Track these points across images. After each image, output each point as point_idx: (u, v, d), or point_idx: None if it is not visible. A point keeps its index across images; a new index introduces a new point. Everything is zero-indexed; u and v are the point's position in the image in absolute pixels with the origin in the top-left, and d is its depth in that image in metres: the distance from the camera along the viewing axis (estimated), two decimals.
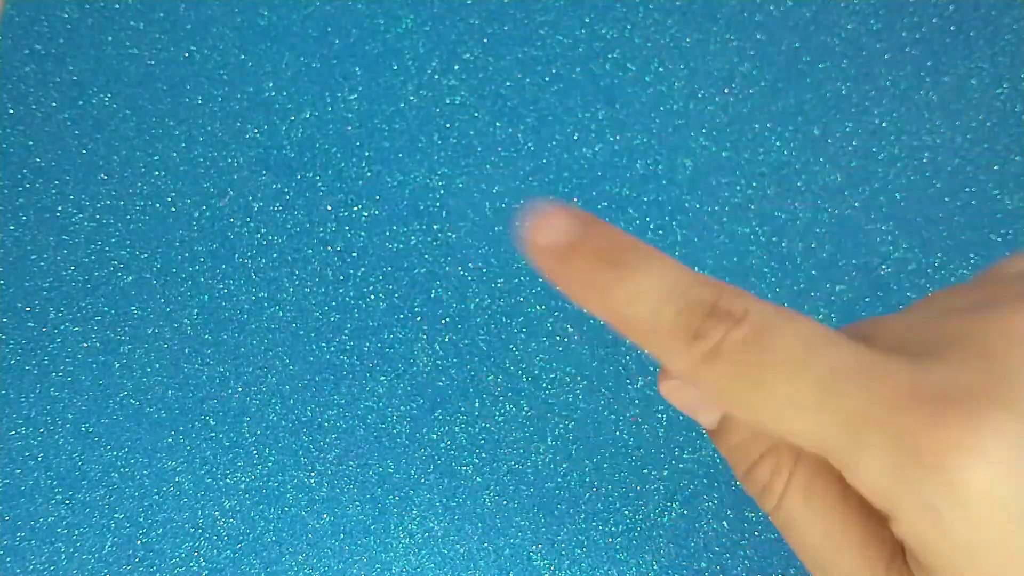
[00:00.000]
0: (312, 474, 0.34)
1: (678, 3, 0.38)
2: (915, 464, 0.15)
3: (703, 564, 0.33)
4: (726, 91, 0.37)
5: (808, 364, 0.16)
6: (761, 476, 0.19)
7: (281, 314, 0.35)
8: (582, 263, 0.18)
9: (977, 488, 0.15)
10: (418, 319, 0.35)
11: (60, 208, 0.36)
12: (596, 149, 0.37)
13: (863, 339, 0.18)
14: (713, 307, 0.17)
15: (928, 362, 0.16)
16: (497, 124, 0.37)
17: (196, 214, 0.36)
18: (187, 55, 0.38)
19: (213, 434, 0.34)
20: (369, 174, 0.37)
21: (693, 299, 0.18)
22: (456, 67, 0.38)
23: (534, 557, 0.33)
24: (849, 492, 0.18)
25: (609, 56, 0.38)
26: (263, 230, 0.36)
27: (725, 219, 0.36)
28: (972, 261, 0.35)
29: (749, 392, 0.17)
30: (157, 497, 0.34)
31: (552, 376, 0.35)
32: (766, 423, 0.17)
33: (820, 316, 0.35)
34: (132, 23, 0.38)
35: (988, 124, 0.37)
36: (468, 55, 0.38)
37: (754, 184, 0.36)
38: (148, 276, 0.36)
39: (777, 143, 0.37)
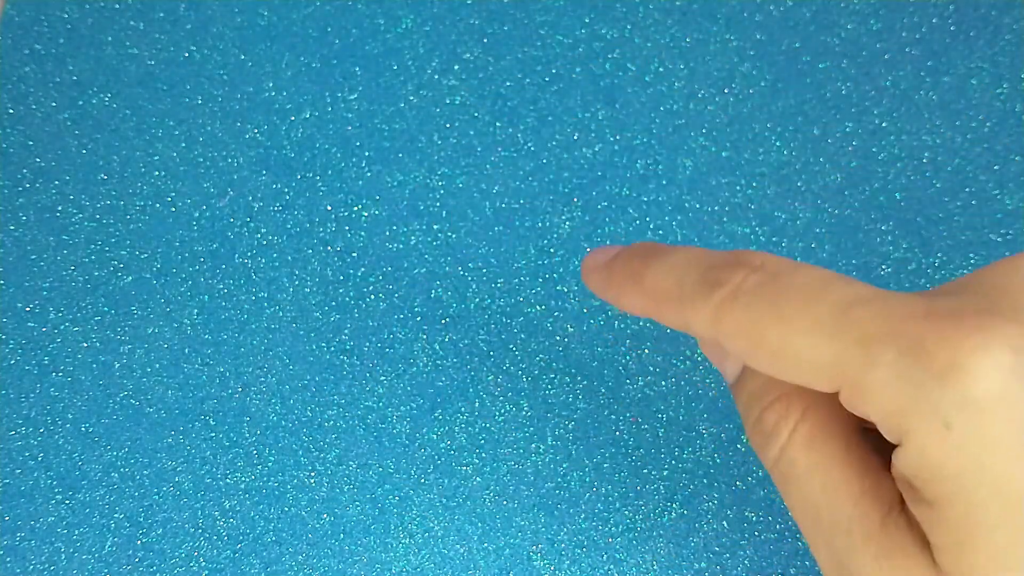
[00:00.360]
0: (312, 474, 0.34)
1: (678, 3, 0.38)
2: (927, 371, 0.15)
3: (703, 564, 0.33)
4: (726, 91, 0.37)
5: (824, 294, 0.17)
6: (768, 422, 0.19)
7: (281, 314, 0.35)
8: (621, 267, 0.21)
9: (988, 394, 0.15)
10: (418, 319, 0.35)
11: (60, 208, 0.36)
12: (596, 149, 0.37)
13: None
14: (731, 261, 0.18)
15: (938, 295, 0.17)
16: (497, 124, 0.37)
17: (196, 214, 0.36)
18: (187, 55, 0.38)
19: (213, 434, 0.34)
20: (369, 174, 0.37)
21: (713, 261, 0.19)
22: (456, 67, 0.38)
23: (534, 557, 0.33)
24: (852, 445, 0.18)
25: (609, 56, 0.38)
26: (263, 230, 0.36)
27: (725, 219, 0.36)
28: (972, 261, 0.35)
29: (766, 326, 0.17)
30: (157, 497, 0.34)
31: (552, 376, 0.35)
32: (783, 359, 0.17)
33: None
34: (132, 23, 0.38)
35: (988, 124, 0.37)
36: (468, 55, 0.38)
37: (754, 184, 0.36)
38: (148, 276, 0.36)
39: (777, 143, 0.37)
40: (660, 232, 0.36)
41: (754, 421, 0.20)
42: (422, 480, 0.34)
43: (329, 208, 0.36)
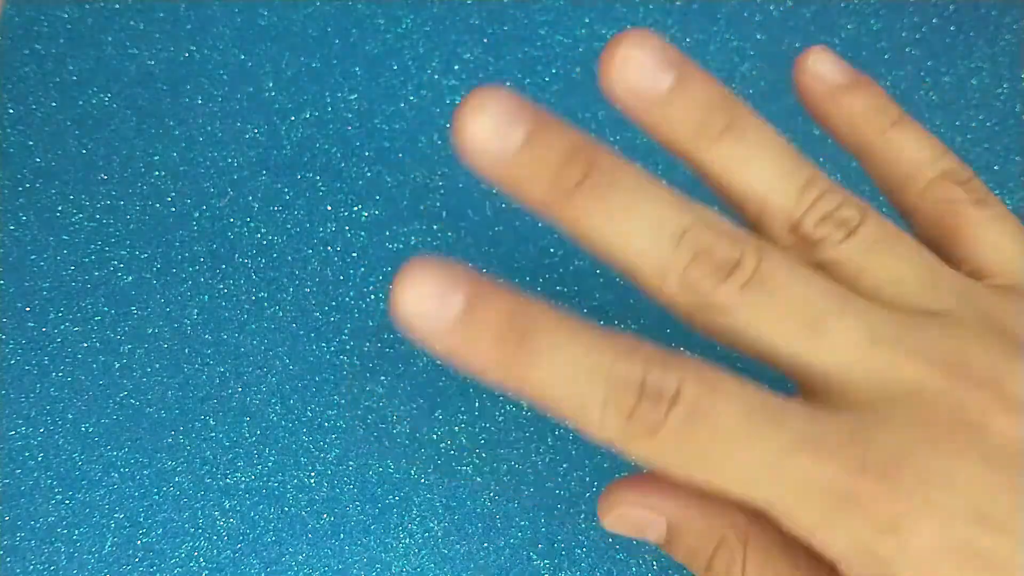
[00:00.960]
0: (312, 474, 0.34)
1: (678, 3, 0.38)
2: (869, 525, 0.16)
3: None
4: None
5: (751, 440, 0.16)
6: (718, 570, 0.19)
7: (281, 314, 0.35)
8: (484, 346, 0.16)
9: (926, 545, 0.16)
10: None
11: (60, 208, 0.36)
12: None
13: None
14: (642, 387, 0.16)
15: (866, 419, 0.17)
16: None
17: (196, 214, 0.36)
18: (187, 55, 0.38)
19: (213, 434, 0.34)
20: (369, 174, 0.37)
21: (619, 379, 0.16)
22: (456, 67, 0.38)
23: (534, 557, 0.33)
24: (800, 560, 0.19)
25: None
26: (263, 230, 0.36)
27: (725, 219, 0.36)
28: None
29: (693, 467, 0.17)
30: (157, 497, 0.34)
31: None
32: (716, 491, 0.17)
33: None
34: (132, 23, 0.38)
35: (988, 124, 0.37)
36: (468, 55, 0.38)
37: None
38: (148, 276, 0.36)
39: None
40: None
41: (703, 572, 0.20)
42: (422, 480, 0.34)
43: (329, 208, 0.36)
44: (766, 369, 0.19)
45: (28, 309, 0.36)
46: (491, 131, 0.17)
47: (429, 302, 0.16)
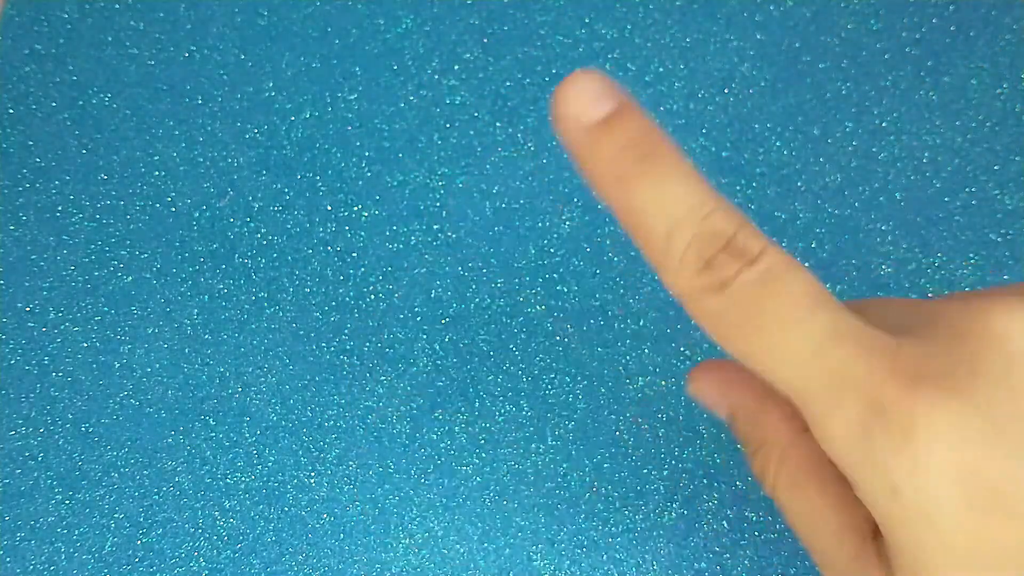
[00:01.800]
0: (312, 474, 0.34)
1: (678, 3, 0.38)
2: (881, 433, 0.16)
3: (703, 564, 0.33)
4: (726, 91, 0.37)
5: (808, 319, 0.17)
6: (756, 467, 0.20)
7: (281, 314, 0.35)
8: (610, 148, 0.18)
9: (936, 462, 0.16)
10: (418, 319, 0.35)
11: (60, 208, 0.36)
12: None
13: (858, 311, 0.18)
14: (730, 241, 0.17)
15: (911, 339, 0.17)
16: (497, 124, 0.37)
17: (196, 214, 0.36)
18: (187, 55, 0.38)
19: (213, 434, 0.34)
20: (369, 174, 0.37)
21: (712, 227, 0.17)
22: (456, 67, 0.38)
23: (534, 557, 0.33)
24: (828, 482, 0.19)
25: (609, 56, 0.38)
26: (263, 230, 0.36)
27: None
28: (972, 261, 0.35)
29: (746, 334, 0.17)
30: (157, 497, 0.34)
31: (552, 376, 0.35)
32: (755, 364, 0.17)
33: None
34: (132, 23, 0.38)
35: (988, 124, 0.37)
36: (468, 55, 0.38)
37: (754, 184, 0.36)
38: (148, 276, 0.36)
39: (777, 143, 0.37)
40: None
41: (750, 463, 0.21)
42: (422, 480, 0.34)
43: (329, 208, 0.36)
44: None
45: (28, 309, 0.36)
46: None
47: (583, 100, 0.18)
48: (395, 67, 0.38)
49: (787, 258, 0.18)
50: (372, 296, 0.36)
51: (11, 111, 0.37)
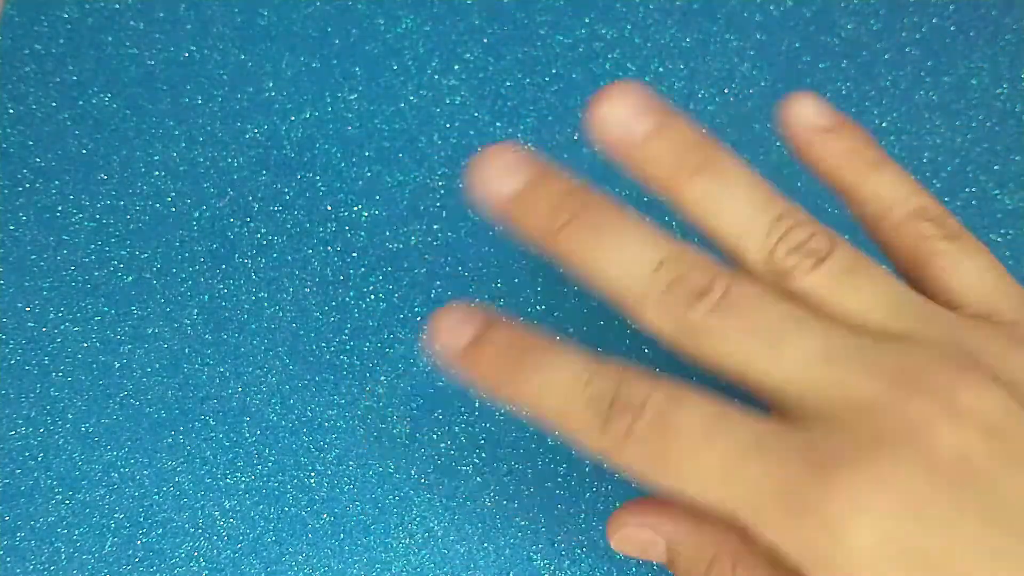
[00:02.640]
0: (312, 474, 0.34)
1: (678, 3, 0.38)
2: (814, 529, 0.17)
3: None
4: (726, 91, 0.37)
5: (708, 444, 0.18)
6: None
7: (281, 314, 0.35)
8: (488, 363, 0.20)
9: (864, 544, 0.16)
10: (418, 319, 0.35)
11: (60, 208, 0.36)
12: (596, 149, 0.37)
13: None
14: (615, 398, 0.19)
15: (817, 431, 0.18)
16: (497, 124, 0.37)
17: (196, 214, 0.36)
18: (187, 55, 0.38)
19: (213, 434, 0.34)
20: (369, 174, 0.37)
21: (596, 392, 0.19)
22: (456, 67, 0.38)
23: (534, 557, 0.33)
24: (779, 566, 0.20)
25: (609, 56, 0.38)
26: (263, 230, 0.36)
27: None
28: None
29: (660, 470, 0.18)
30: (157, 497, 0.34)
31: None
32: (682, 495, 0.18)
33: None
34: (132, 23, 0.38)
35: (988, 124, 0.37)
36: (468, 55, 0.38)
37: None
38: (148, 276, 0.36)
39: (777, 143, 0.37)
40: None
41: None
42: (422, 480, 0.34)
43: (329, 208, 0.36)
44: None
45: (28, 309, 0.36)
46: (496, 178, 0.21)
47: (448, 332, 0.21)
48: (395, 67, 0.38)
49: (672, 394, 0.19)
50: (372, 296, 0.36)
51: (11, 111, 0.37)
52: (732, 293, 0.19)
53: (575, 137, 0.37)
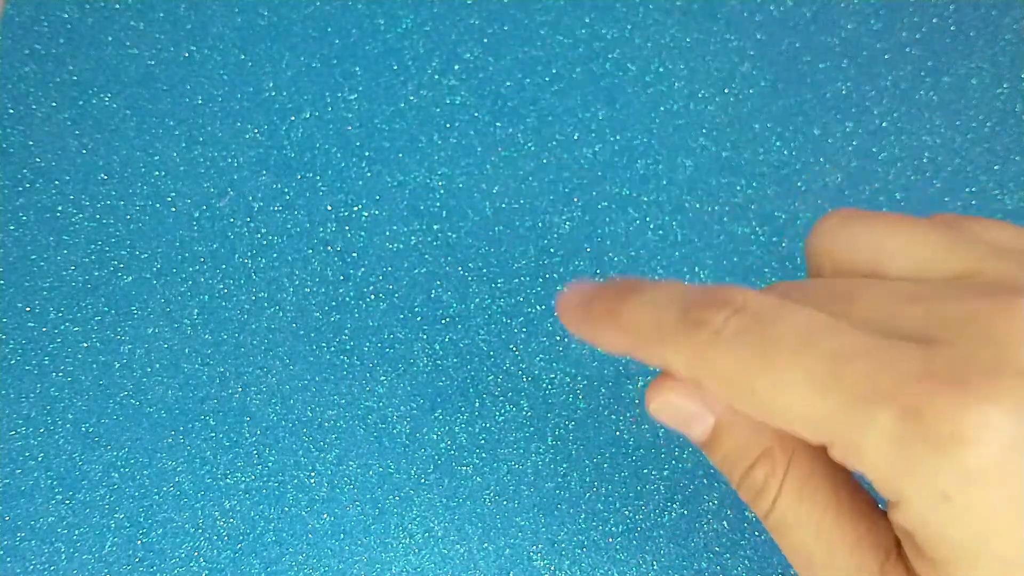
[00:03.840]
0: (312, 474, 0.34)
1: (678, 3, 0.38)
2: (926, 440, 0.15)
3: (703, 564, 0.33)
4: (726, 91, 0.37)
5: (814, 342, 0.16)
6: (756, 479, 0.19)
7: (281, 314, 0.35)
8: (598, 304, 0.19)
9: (988, 467, 0.15)
10: (418, 319, 0.35)
11: (60, 208, 0.36)
12: (596, 149, 0.37)
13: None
14: (713, 299, 0.17)
15: (936, 346, 0.16)
16: (497, 124, 0.37)
17: (196, 214, 0.36)
18: (187, 55, 0.38)
19: (213, 434, 0.34)
20: (369, 174, 0.37)
21: (693, 298, 0.18)
22: (456, 67, 0.38)
23: (534, 557, 0.33)
24: (842, 491, 0.18)
25: (609, 56, 0.38)
26: (263, 230, 0.36)
27: (725, 219, 0.36)
28: None
29: (753, 374, 0.16)
30: (157, 497, 0.34)
31: (552, 376, 0.35)
32: (770, 408, 0.16)
33: None
34: (132, 23, 0.38)
35: (988, 124, 0.37)
36: (468, 55, 0.38)
37: (754, 184, 0.36)
38: (148, 276, 0.36)
39: (777, 143, 0.37)
40: (660, 232, 0.36)
41: (740, 479, 0.19)
42: (422, 480, 0.34)
43: (329, 208, 0.36)
44: None
45: (28, 309, 0.36)
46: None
47: (576, 293, 0.20)
48: (395, 67, 0.38)
49: (776, 298, 0.17)
50: (372, 296, 0.36)
51: (11, 111, 0.37)
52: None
53: (575, 137, 0.37)
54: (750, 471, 0.19)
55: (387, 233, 0.36)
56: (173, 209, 0.36)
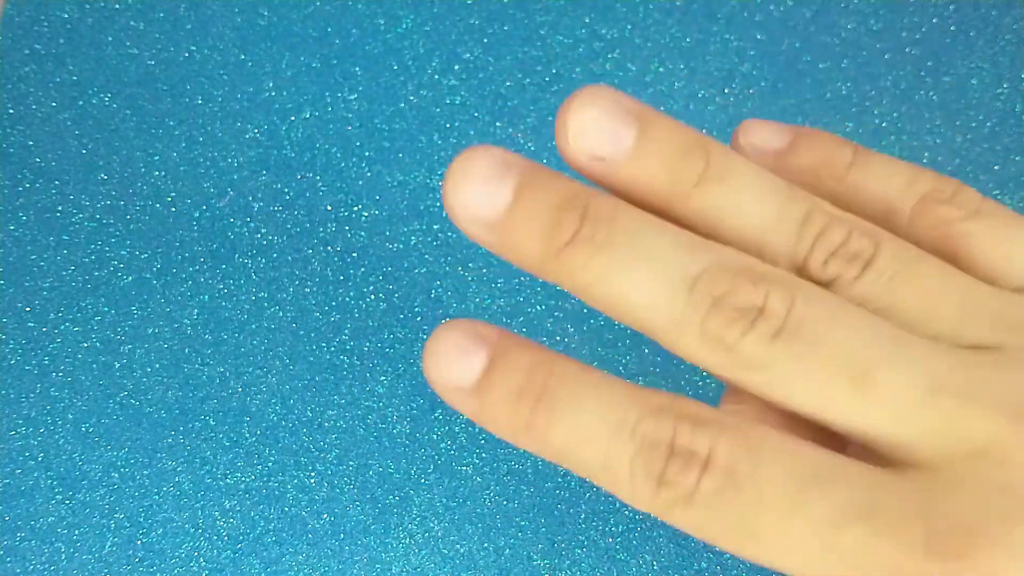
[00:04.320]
0: (312, 474, 0.34)
1: (678, 3, 0.38)
2: None
3: (703, 564, 0.33)
4: (726, 91, 0.37)
5: (799, 510, 0.14)
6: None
7: (281, 314, 0.35)
8: (502, 405, 0.16)
9: None
10: (418, 319, 0.35)
11: (60, 208, 0.36)
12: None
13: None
14: (671, 448, 0.15)
15: (935, 484, 0.15)
16: (497, 124, 0.37)
17: (196, 214, 0.36)
18: (187, 55, 0.38)
19: (213, 434, 0.34)
20: (369, 174, 0.37)
21: (647, 439, 0.15)
22: (456, 67, 0.38)
23: (534, 557, 0.33)
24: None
25: (609, 56, 0.38)
26: (263, 230, 0.36)
27: None
28: None
29: (734, 541, 0.15)
30: (157, 497, 0.34)
31: None
32: (759, 563, 0.15)
33: None
34: (132, 23, 0.38)
35: (988, 124, 0.37)
36: (468, 55, 0.38)
37: None
38: (148, 276, 0.36)
39: None
40: None
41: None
42: (422, 480, 0.34)
43: (329, 208, 0.36)
44: None
45: (28, 309, 0.36)
46: (478, 195, 0.16)
47: (451, 363, 0.16)
48: (395, 67, 0.38)
49: (749, 440, 0.15)
50: (372, 296, 0.36)
51: (11, 111, 0.37)
52: (796, 312, 0.15)
53: None
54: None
55: (387, 233, 0.36)
56: (173, 209, 0.36)
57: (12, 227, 0.36)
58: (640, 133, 0.16)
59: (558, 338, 0.35)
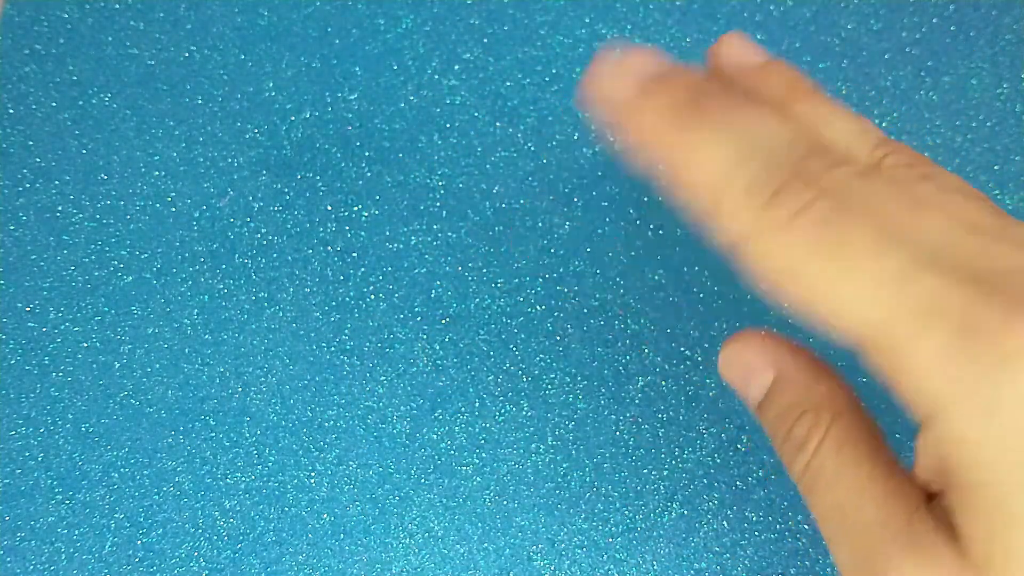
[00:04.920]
0: (312, 474, 0.34)
1: (678, 3, 0.38)
2: (980, 355, 0.14)
3: (703, 564, 0.33)
4: None
5: (895, 246, 0.15)
6: (799, 432, 0.19)
7: (281, 314, 0.35)
8: (657, 114, 0.17)
9: None
10: (418, 319, 0.35)
11: (60, 208, 0.36)
12: (596, 149, 0.37)
13: None
14: (799, 171, 0.16)
15: (996, 275, 0.15)
16: (497, 124, 0.37)
17: (196, 214, 0.36)
18: (187, 55, 0.38)
19: (213, 434, 0.34)
20: (369, 174, 0.37)
21: (778, 158, 0.16)
22: (456, 67, 0.38)
23: (534, 557, 0.33)
24: (877, 449, 0.18)
25: None
26: (263, 230, 0.36)
27: None
28: None
29: (821, 265, 0.16)
30: (157, 497, 0.34)
31: (552, 376, 0.35)
32: (824, 299, 0.16)
33: None
34: (132, 23, 0.38)
35: (988, 124, 0.37)
36: (468, 55, 0.38)
37: None
38: (148, 276, 0.36)
39: None
40: (660, 232, 0.36)
41: (784, 434, 0.19)
42: (422, 480, 0.34)
43: (329, 208, 0.36)
44: None
45: (28, 309, 0.36)
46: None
47: (617, 77, 0.18)
48: (395, 67, 0.38)
49: (865, 171, 0.16)
50: (372, 296, 0.36)
51: (11, 111, 0.37)
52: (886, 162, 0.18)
53: (575, 137, 0.37)
54: (794, 425, 0.19)
55: (387, 233, 0.36)
56: (173, 209, 0.36)
57: (12, 227, 0.36)
58: (766, 60, 0.22)
59: (558, 338, 0.35)
